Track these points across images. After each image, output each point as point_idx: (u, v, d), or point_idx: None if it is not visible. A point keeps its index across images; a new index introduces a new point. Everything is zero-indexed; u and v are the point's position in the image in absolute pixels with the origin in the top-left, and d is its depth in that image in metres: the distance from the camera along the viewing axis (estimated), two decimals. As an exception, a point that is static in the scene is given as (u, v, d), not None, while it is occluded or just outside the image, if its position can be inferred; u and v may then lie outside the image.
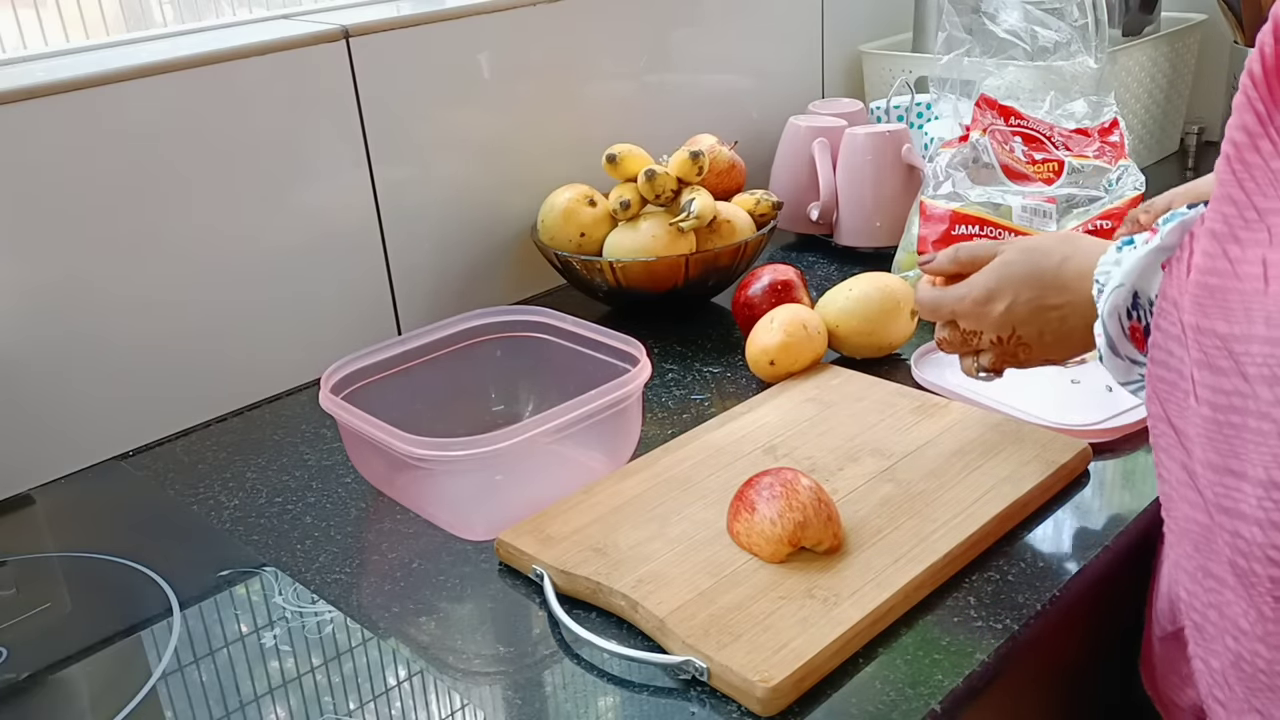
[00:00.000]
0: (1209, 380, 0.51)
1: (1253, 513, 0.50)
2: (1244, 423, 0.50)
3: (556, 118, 1.21)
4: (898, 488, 0.79)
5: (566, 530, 0.76)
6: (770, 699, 0.61)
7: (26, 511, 0.89)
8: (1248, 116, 0.51)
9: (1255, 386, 0.49)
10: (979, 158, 1.11)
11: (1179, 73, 1.50)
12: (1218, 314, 0.51)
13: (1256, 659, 0.52)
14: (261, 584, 0.77)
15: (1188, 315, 0.53)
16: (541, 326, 0.94)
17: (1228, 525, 0.51)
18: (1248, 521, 0.50)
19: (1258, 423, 0.49)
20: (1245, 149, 0.51)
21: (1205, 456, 0.52)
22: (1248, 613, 0.52)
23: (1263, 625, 0.51)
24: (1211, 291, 0.51)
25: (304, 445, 0.95)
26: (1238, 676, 0.54)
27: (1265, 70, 0.50)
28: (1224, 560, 0.53)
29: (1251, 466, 0.49)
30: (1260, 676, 0.53)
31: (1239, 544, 0.51)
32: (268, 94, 0.99)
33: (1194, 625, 0.57)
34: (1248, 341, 0.49)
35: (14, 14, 0.96)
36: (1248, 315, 0.49)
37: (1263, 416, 0.49)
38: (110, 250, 0.92)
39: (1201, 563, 0.55)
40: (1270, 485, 0.49)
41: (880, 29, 1.57)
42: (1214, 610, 0.55)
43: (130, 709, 0.65)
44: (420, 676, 0.67)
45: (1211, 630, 0.55)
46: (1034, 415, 0.88)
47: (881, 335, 0.99)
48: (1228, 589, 0.53)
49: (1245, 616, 0.52)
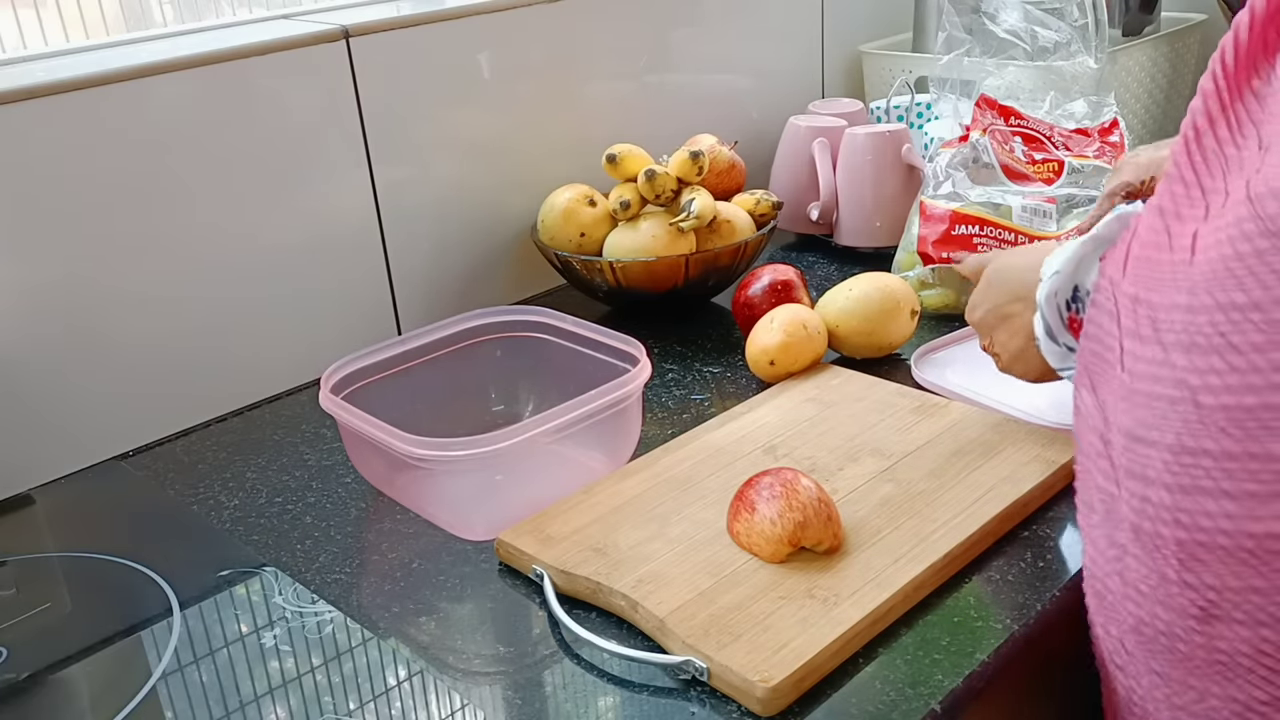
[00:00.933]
0: (1134, 349, 0.54)
1: (1159, 477, 0.52)
2: (1158, 390, 0.52)
3: (556, 118, 1.21)
4: (898, 488, 0.79)
5: (566, 530, 0.76)
6: (770, 699, 0.61)
7: (26, 511, 0.89)
8: (1211, 103, 0.53)
9: (1171, 354, 0.51)
10: (979, 158, 1.11)
11: (1179, 73, 1.50)
12: (1151, 284, 0.53)
13: (1155, 621, 0.55)
14: (261, 584, 0.77)
15: (1126, 286, 0.55)
16: (541, 326, 0.94)
17: (1137, 490, 0.54)
18: (1156, 486, 0.52)
19: (1170, 389, 0.51)
20: (1203, 134, 0.53)
21: (1121, 423, 0.54)
22: (1148, 577, 0.54)
23: (1164, 588, 0.53)
24: (1147, 263, 0.54)
25: (304, 445, 0.95)
26: (1137, 641, 0.57)
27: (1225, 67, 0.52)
28: (1126, 526, 0.55)
29: (1162, 434, 0.52)
30: (1160, 639, 0.55)
31: (1146, 508, 0.53)
32: (268, 94, 0.99)
33: (1095, 594, 0.60)
34: (1170, 310, 0.52)
35: (14, 14, 0.96)
36: (1174, 285, 0.52)
37: (1177, 384, 0.51)
38: (110, 250, 0.92)
39: (1108, 531, 0.57)
40: (1180, 450, 0.51)
41: (880, 29, 1.57)
42: (1115, 577, 0.57)
43: (130, 709, 0.65)
44: (420, 676, 0.67)
45: (1112, 598, 0.58)
46: (1034, 415, 0.88)
47: (881, 335, 0.99)
48: (1129, 555, 0.55)
49: (1145, 580, 0.54)
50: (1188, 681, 0.55)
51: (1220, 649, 0.53)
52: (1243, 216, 0.49)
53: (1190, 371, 0.50)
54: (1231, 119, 0.52)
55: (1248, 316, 0.48)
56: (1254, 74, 0.51)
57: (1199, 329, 0.50)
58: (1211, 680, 0.54)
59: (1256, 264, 0.48)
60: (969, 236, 1.06)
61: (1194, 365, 0.50)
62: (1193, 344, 0.50)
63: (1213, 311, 0.49)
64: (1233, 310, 0.49)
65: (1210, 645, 0.53)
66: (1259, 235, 0.48)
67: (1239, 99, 0.52)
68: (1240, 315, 0.48)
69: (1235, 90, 0.52)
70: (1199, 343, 0.50)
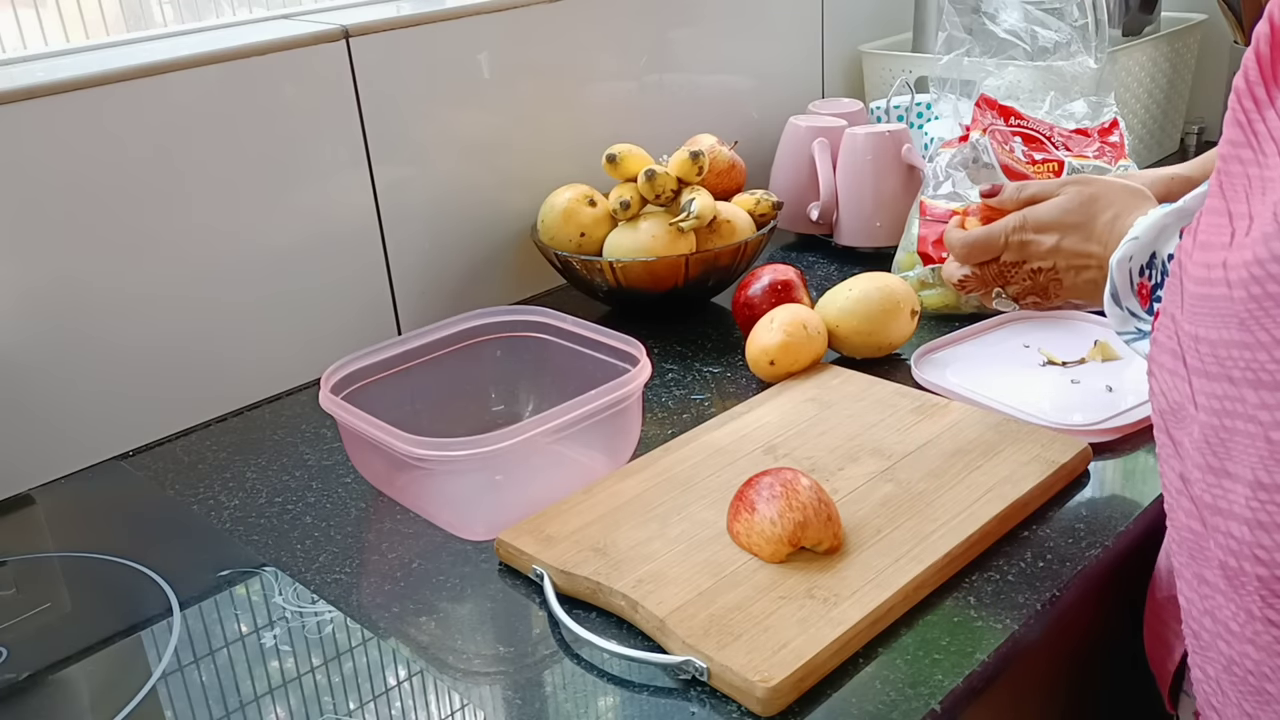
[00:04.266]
0: (1204, 387, 0.53)
1: (1241, 512, 0.51)
2: (1234, 425, 0.51)
3: (556, 118, 1.21)
4: (898, 488, 0.79)
5: (566, 530, 0.76)
6: (770, 699, 0.61)
7: (26, 511, 0.89)
8: (1232, 129, 0.52)
9: (1241, 390, 0.50)
10: (979, 158, 1.11)
11: (1179, 73, 1.50)
12: (1206, 321, 0.52)
13: (1245, 660, 0.54)
14: (261, 584, 0.77)
15: (1185, 324, 0.54)
16: (541, 326, 0.94)
17: (1220, 526, 0.53)
18: (1238, 521, 0.52)
19: (1245, 425, 0.50)
20: (1229, 159, 0.52)
21: (1201, 460, 0.53)
22: (1237, 615, 0.53)
23: (1251, 625, 0.53)
24: (1202, 300, 0.53)
25: (304, 445, 0.95)
26: (1230, 681, 0.56)
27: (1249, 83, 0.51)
28: (1215, 564, 0.54)
29: (1240, 468, 0.51)
30: (1250, 679, 0.54)
31: (1230, 544, 0.52)
32: (268, 94, 0.99)
33: (1192, 634, 0.59)
34: (1229, 346, 0.51)
35: (14, 14, 0.96)
36: (1227, 319, 0.51)
37: (1249, 419, 0.50)
38: (110, 250, 0.92)
39: (1197, 570, 0.56)
40: (1257, 485, 0.50)
41: (880, 29, 1.57)
42: (1208, 617, 0.56)
43: (130, 709, 0.65)
44: (420, 676, 0.67)
45: (1206, 637, 0.57)
46: (1034, 415, 0.88)
47: (881, 335, 0.99)
48: (1219, 593, 0.54)
49: (1235, 619, 0.54)
50: None
51: None
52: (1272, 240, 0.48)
53: (1260, 408, 0.50)
54: (1253, 139, 0.51)
55: None
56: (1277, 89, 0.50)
57: (1262, 366, 0.49)
58: None
59: None
60: (969, 236, 1.06)
61: (1263, 401, 0.49)
62: (1259, 380, 0.49)
63: (1272, 348, 0.49)
64: None
65: None
66: None
67: (1261, 117, 0.50)
68: None
69: (1258, 108, 0.51)
70: (1264, 379, 0.49)
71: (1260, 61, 0.50)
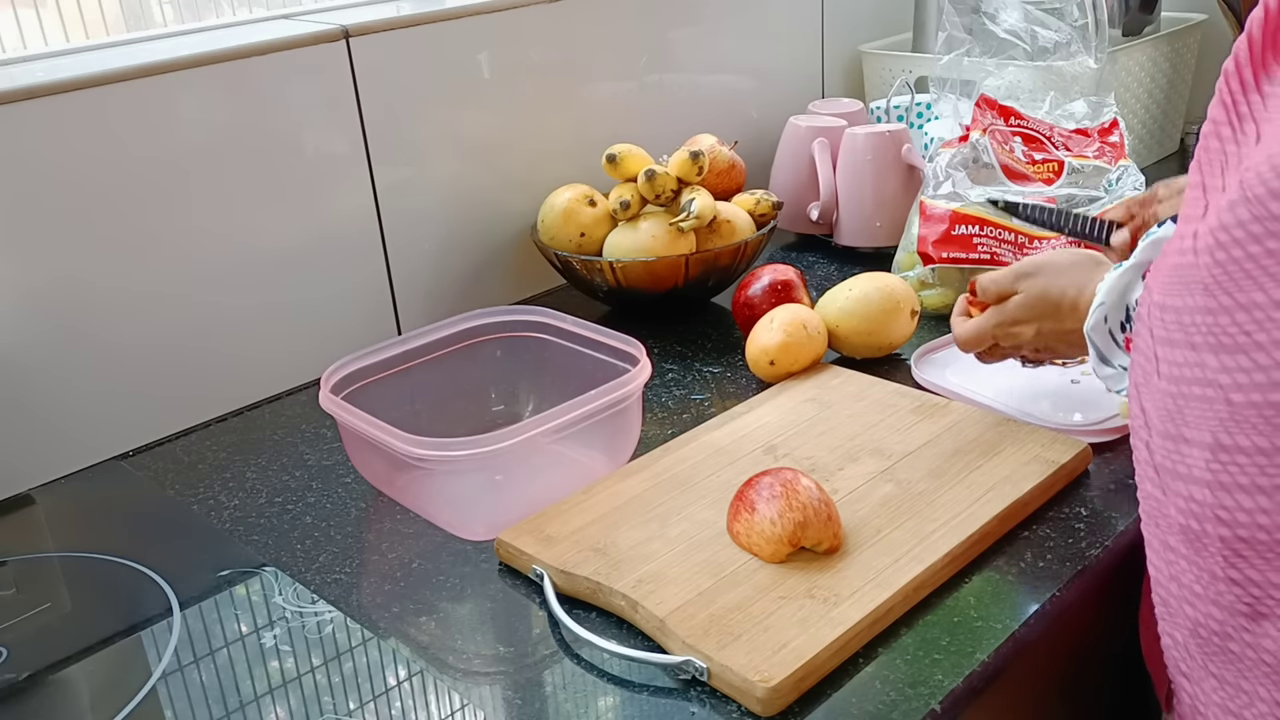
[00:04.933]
0: (1167, 354, 0.55)
1: (1201, 475, 0.53)
2: (1191, 391, 0.53)
3: (556, 118, 1.21)
4: (898, 488, 0.79)
5: (566, 530, 0.76)
6: (770, 699, 0.61)
7: (26, 511, 0.89)
8: (1216, 109, 0.53)
9: (1201, 355, 0.52)
10: (979, 158, 1.12)
11: (1179, 73, 1.50)
12: (1175, 290, 0.54)
13: (1210, 621, 0.56)
14: (261, 584, 0.77)
15: (1155, 295, 0.56)
16: (541, 326, 0.94)
17: (1181, 490, 0.55)
18: (1198, 485, 0.53)
19: (1203, 389, 0.52)
20: (1209, 135, 0.54)
21: (1161, 427, 0.55)
22: (1200, 577, 0.55)
23: (1214, 587, 0.54)
24: (1172, 270, 0.54)
25: (304, 445, 0.95)
26: (1197, 644, 0.57)
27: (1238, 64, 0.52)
28: (1176, 528, 0.56)
29: (1198, 432, 0.53)
30: (1214, 639, 0.56)
31: (1191, 507, 0.54)
32: (268, 94, 0.99)
33: (1160, 600, 0.60)
34: (1193, 312, 0.52)
35: (14, 14, 0.96)
36: (1193, 286, 0.52)
37: (1208, 384, 0.52)
38: (110, 250, 0.92)
39: (1162, 536, 0.58)
40: (1217, 448, 0.52)
41: (880, 29, 1.57)
42: (1174, 582, 0.58)
43: (130, 709, 0.65)
44: (420, 676, 0.67)
45: (1173, 603, 0.59)
46: (1034, 415, 0.88)
47: (881, 335, 0.99)
48: (1181, 558, 0.56)
49: (1199, 581, 0.55)
50: (1240, 684, 0.56)
51: (1267, 648, 0.53)
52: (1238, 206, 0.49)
53: (1220, 371, 0.51)
54: (1234, 118, 0.52)
55: (1270, 315, 0.49)
56: (1264, 74, 0.51)
57: (1223, 329, 0.51)
58: (1259, 683, 0.54)
59: (1271, 263, 0.48)
60: (969, 236, 1.06)
61: (1223, 365, 0.51)
62: (1219, 344, 0.51)
63: (1234, 311, 0.50)
64: (1255, 310, 0.49)
65: (1258, 645, 0.53)
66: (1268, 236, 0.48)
67: (1245, 99, 0.52)
68: (1263, 314, 0.49)
69: (1243, 90, 0.52)
70: (1225, 343, 0.51)
71: (1251, 45, 0.51)
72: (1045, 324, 0.80)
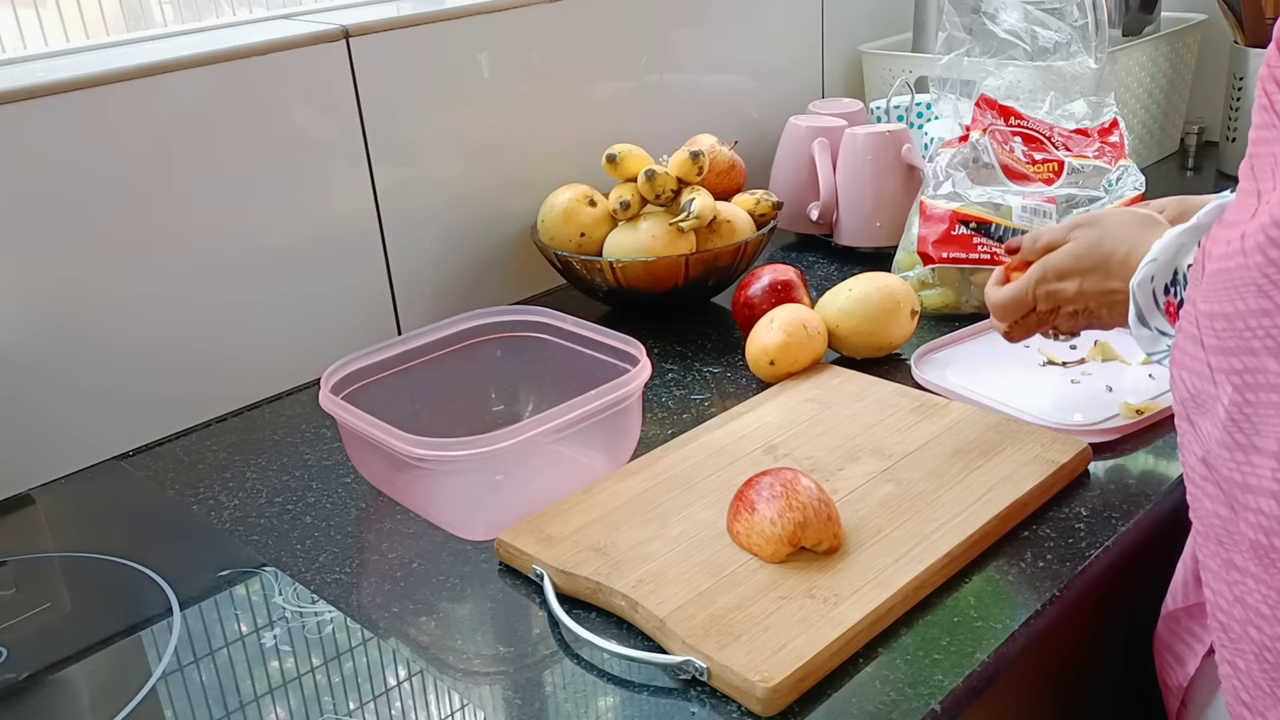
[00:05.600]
0: (1223, 363, 0.53)
1: (1269, 485, 0.51)
2: (1258, 398, 0.51)
3: (556, 118, 1.21)
4: (898, 488, 0.79)
5: (566, 530, 0.76)
6: (770, 699, 0.61)
7: (26, 511, 0.89)
8: (1260, 114, 0.52)
9: (1263, 360, 0.50)
10: (979, 158, 1.11)
11: (1179, 73, 1.50)
12: (1224, 295, 0.52)
13: (1278, 643, 0.53)
14: (261, 584, 0.77)
15: (1201, 305, 0.54)
16: (541, 326, 0.94)
17: (1251, 504, 0.52)
18: (1268, 496, 0.51)
19: (1268, 395, 0.50)
20: (1257, 142, 0.52)
21: (1226, 438, 0.53)
22: (1268, 596, 0.53)
23: None
24: (1217, 276, 0.53)
25: (304, 445, 0.95)
26: (1262, 670, 0.55)
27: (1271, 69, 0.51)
28: (1245, 545, 0.53)
29: (1266, 440, 0.50)
30: None
31: (1260, 520, 0.52)
32: (268, 94, 0.99)
33: (1220, 626, 0.58)
34: (1246, 316, 0.51)
35: (14, 14, 0.96)
36: (1239, 290, 0.51)
37: (1273, 389, 0.50)
38: (110, 250, 0.92)
39: (1226, 556, 0.55)
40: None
41: (880, 29, 1.57)
42: (1238, 605, 0.55)
43: (130, 709, 0.65)
44: (420, 676, 0.67)
45: (1236, 628, 0.56)
46: (1034, 415, 0.88)
47: (881, 335, 0.99)
48: (1249, 577, 0.54)
49: (1266, 601, 0.53)
50: None
51: None
52: None
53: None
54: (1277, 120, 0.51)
55: None
56: None
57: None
58: None
59: None
60: (969, 236, 1.06)
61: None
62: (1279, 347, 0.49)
63: None
64: None
65: None
66: None
67: None
68: None
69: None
70: None
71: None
72: (1090, 280, 0.77)
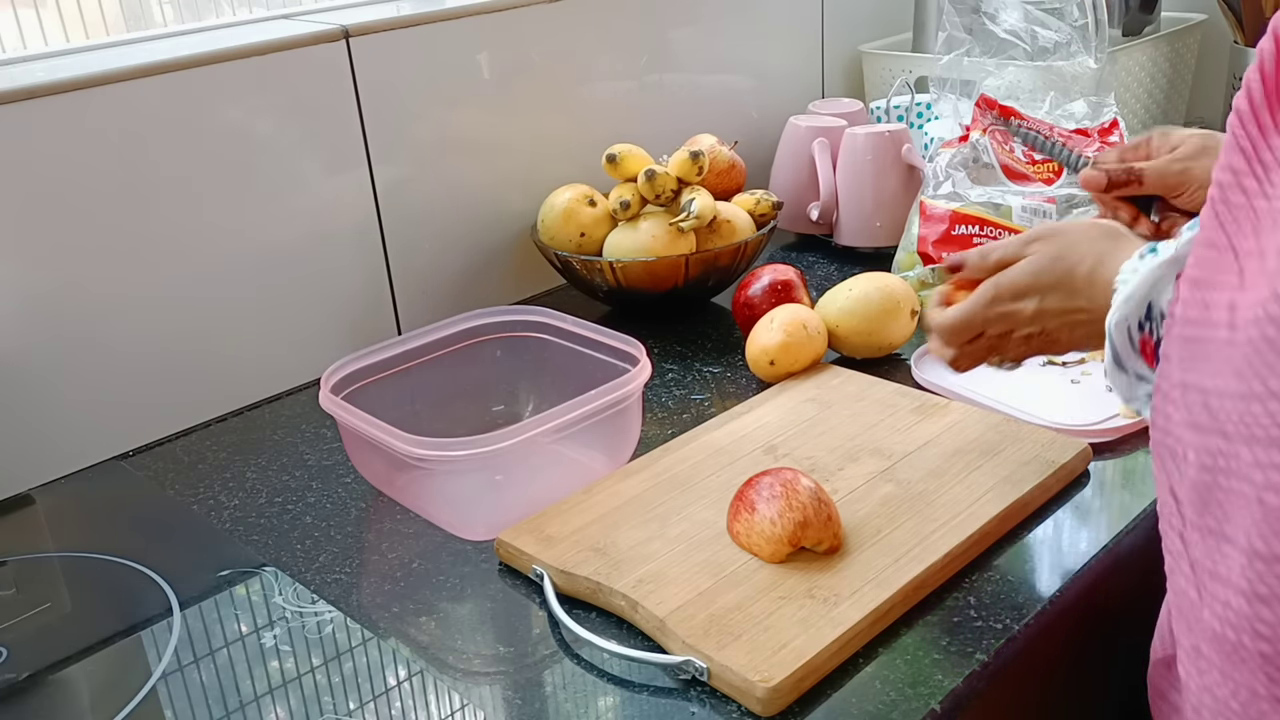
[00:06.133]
0: (1194, 440, 0.48)
1: (1238, 581, 0.46)
2: (1229, 485, 0.46)
3: (556, 118, 1.21)
4: (898, 488, 0.79)
5: (566, 530, 0.76)
6: (770, 699, 0.61)
7: (26, 511, 0.89)
8: (1234, 156, 0.47)
9: (1235, 445, 0.46)
10: (979, 158, 1.11)
11: (1179, 73, 1.50)
12: (1199, 367, 0.47)
13: None
14: (261, 584, 0.77)
15: (1175, 373, 0.50)
16: (541, 326, 0.94)
17: (1219, 594, 0.48)
18: (1235, 591, 0.47)
19: (1239, 485, 0.46)
20: (1229, 188, 0.47)
21: (1198, 520, 0.49)
22: (1237, 692, 0.48)
23: (1256, 706, 0.48)
24: (1191, 343, 0.48)
25: (304, 445, 0.95)
26: None
27: (1253, 105, 0.46)
28: (1209, 635, 0.49)
29: (1236, 531, 0.46)
30: None
31: (1228, 615, 0.47)
32: (268, 94, 0.99)
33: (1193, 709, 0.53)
34: (1222, 396, 0.46)
35: (14, 14, 0.96)
36: (1223, 367, 0.46)
37: (1243, 479, 0.45)
38: (110, 250, 0.92)
39: (1194, 641, 0.51)
40: (1252, 554, 0.45)
41: (880, 29, 1.57)
42: (1207, 694, 0.51)
43: (130, 709, 0.65)
44: (420, 676, 0.67)
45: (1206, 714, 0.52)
46: (1034, 415, 0.88)
47: (881, 335, 0.99)
48: (1214, 669, 0.49)
49: (1235, 697, 0.49)
50: None
51: None
52: None
53: (1254, 467, 0.44)
54: (1258, 168, 0.46)
55: None
56: None
57: (1255, 419, 0.44)
58: None
59: None
60: (969, 236, 1.06)
61: (1257, 459, 0.44)
62: (1252, 436, 0.44)
63: (1267, 400, 0.43)
64: None
65: None
66: None
67: (1267, 145, 0.46)
68: None
69: (1263, 135, 0.46)
70: (1258, 435, 0.44)
71: (1266, 81, 0.46)
72: (1050, 299, 0.69)
